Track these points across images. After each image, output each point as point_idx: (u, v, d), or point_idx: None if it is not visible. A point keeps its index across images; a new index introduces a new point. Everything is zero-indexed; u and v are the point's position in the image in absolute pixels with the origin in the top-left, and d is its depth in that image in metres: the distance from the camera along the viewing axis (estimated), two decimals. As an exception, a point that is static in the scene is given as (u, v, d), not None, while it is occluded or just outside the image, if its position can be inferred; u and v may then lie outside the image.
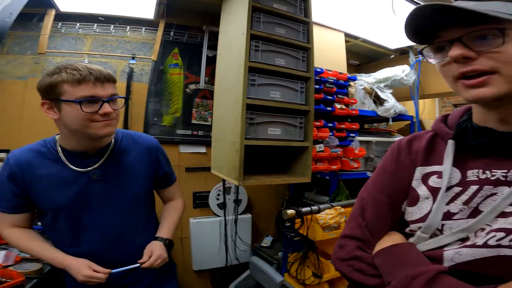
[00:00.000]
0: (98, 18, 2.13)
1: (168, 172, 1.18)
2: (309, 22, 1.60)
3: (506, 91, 0.49)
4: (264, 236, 2.55)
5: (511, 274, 0.47)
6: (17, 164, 0.93)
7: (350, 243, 0.65)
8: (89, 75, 0.85)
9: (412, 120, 2.43)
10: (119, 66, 2.18)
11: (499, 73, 0.49)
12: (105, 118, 0.89)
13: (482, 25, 0.50)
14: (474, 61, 0.50)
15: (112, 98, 0.91)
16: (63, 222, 0.97)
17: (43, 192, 0.94)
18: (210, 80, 2.34)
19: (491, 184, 0.53)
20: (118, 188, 1.01)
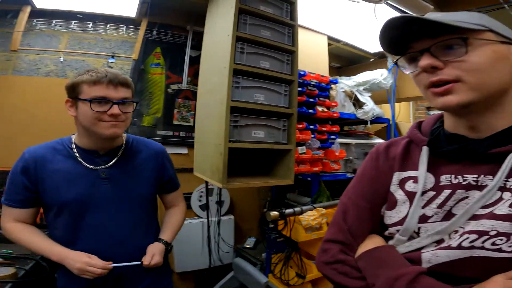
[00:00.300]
0: (76, 16, 2.05)
1: (173, 177, 1.23)
2: (294, 25, 1.61)
3: (470, 98, 0.52)
4: (247, 237, 2.56)
5: (485, 274, 0.49)
6: (31, 158, 0.97)
7: (333, 247, 0.67)
8: (104, 78, 0.93)
9: (389, 123, 2.52)
10: (97, 65, 2.10)
11: (463, 82, 0.52)
12: (112, 119, 0.95)
13: (447, 35, 0.53)
14: (441, 70, 0.53)
15: (123, 101, 0.96)
16: (66, 218, 0.98)
17: (53, 187, 0.97)
18: (193, 81, 2.31)
19: (463, 188, 0.56)
20: (124, 189, 1.04)
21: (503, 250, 0.48)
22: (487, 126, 0.56)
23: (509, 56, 0.53)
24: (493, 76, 0.52)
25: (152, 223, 1.16)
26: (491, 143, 0.54)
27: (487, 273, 0.49)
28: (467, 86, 0.52)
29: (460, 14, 0.55)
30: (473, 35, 0.52)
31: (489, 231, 0.49)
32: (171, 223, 1.19)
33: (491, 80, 0.52)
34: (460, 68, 0.52)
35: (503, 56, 0.53)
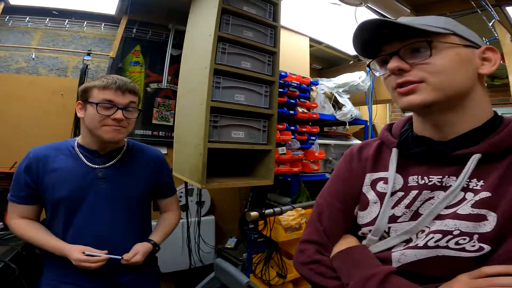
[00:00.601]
0: (51, 12, 1.98)
1: (169, 183, 1.25)
2: (277, 27, 1.62)
3: (433, 98, 0.54)
4: (228, 237, 2.55)
5: (450, 274, 0.50)
6: (35, 157, 1.02)
7: (309, 247, 0.68)
8: (113, 84, 0.99)
9: (366, 125, 2.59)
10: (72, 62, 2.04)
11: (426, 83, 0.54)
12: (114, 123, 1.00)
13: (414, 38, 0.55)
14: (407, 72, 0.55)
15: (127, 107, 1.02)
16: (61, 215, 1.02)
17: (52, 184, 1.01)
18: (173, 80, 2.27)
19: (428, 189, 0.58)
20: (119, 190, 1.07)
21: (466, 250, 0.50)
22: (451, 127, 0.58)
23: (472, 59, 0.56)
24: (455, 78, 0.54)
25: (144, 226, 1.18)
26: (455, 145, 0.56)
27: (452, 273, 0.50)
28: (430, 86, 0.54)
29: (428, 18, 0.58)
30: (437, 38, 0.54)
31: (453, 230, 0.51)
32: (163, 226, 1.21)
33: (453, 82, 0.54)
34: (424, 70, 0.54)
35: (466, 59, 0.55)
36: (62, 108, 1.97)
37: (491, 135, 0.55)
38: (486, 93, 0.59)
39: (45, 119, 1.94)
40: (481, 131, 0.56)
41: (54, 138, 1.88)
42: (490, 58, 0.57)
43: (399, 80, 0.56)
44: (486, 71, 0.56)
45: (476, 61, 0.56)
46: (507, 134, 0.54)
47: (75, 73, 2.03)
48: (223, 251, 2.40)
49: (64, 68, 2.03)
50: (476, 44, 0.57)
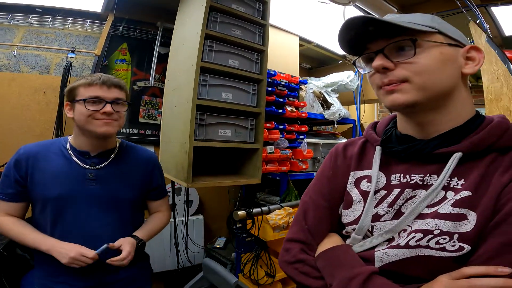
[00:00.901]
0: (35, 9, 1.94)
1: (161, 185, 1.25)
2: (265, 25, 1.61)
3: (416, 98, 0.54)
4: (217, 237, 2.54)
5: (431, 274, 0.50)
6: (25, 154, 1.02)
7: (294, 246, 0.67)
8: (98, 80, 1.01)
9: (354, 124, 2.62)
10: (55, 59, 1.99)
11: (410, 82, 0.53)
12: (105, 117, 1.00)
13: (400, 37, 0.54)
14: (391, 71, 0.55)
15: (115, 101, 1.03)
16: (48, 215, 1.01)
17: (40, 182, 1.00)
18: (161, 78, 2.25)
19: (410, 188, 0.58)
20: (109, 191, 1.07)
21: (447, 250, 0.49)
22: (433, 126, 0.57)
23: (456, 59, 0.55)
24: (439, 78, 0.53)
25: (136, 228, 1.16)
26: (437, 143, 0.56)
27: (433, 273, 0.50)
28: (413, 86, 0.53)
29: (414, 16, 0.57)
30: (422, 36, 0.54)
31: (433, 230, 0.51)
32: (149, 224, 1.20)
33: (436, 81, 0.53)
34: (408, 69, 0.53)
35: (450, 59, 0.54)
36: (45, 106, 1.93)
37: (472, 134, 0.55)
38: (469, 92, 0.59)
39: (27, 117, 1.89)
40: (462, 130, 0.56)
41: (37, 136, 1.87)
42: (474, 57, 0.56)
43: (383, 79, 0.55)
44: (470, 71, 0.56)
45: (460, 60, 0.56)
46: (488, 133, 0.54)
47: (58, 70, 1.98)
48: (212, 250, 2.38)
49: (47, 65, 1.98)
50: (460, 43, 0.56)
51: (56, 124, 1.90)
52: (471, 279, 0.46)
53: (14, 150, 1.83)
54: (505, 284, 0.44)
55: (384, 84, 0.56)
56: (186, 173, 1.31)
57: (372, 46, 0.58)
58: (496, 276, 0.45)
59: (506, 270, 0.44)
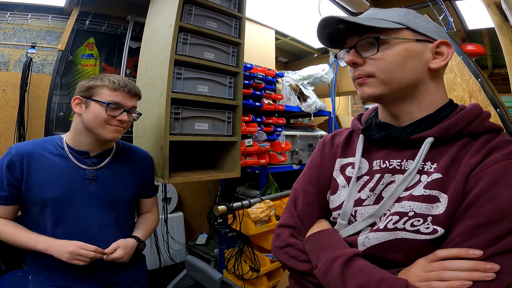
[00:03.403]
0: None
1: (153, 185, 1.27)
2: (242, 18, 1.59)
3: (381, 92, 0.58)
4: (199, 233, 2.50)
5: (410, 258, 0.52)
6: (17, 154, 0.97)
7: (284, 231, 0.69)
8: (124, 87, 1.02)
9: (330, 116, 2.67)
10: (14, 55, 1.86)
11: (374, 77, 0.58)
12: (118, 124, 1.01)
13: (368, 33, 0.58)
14: (360, 66, 0.59)
15: (131, 110, 1.05)
16: (48, 216, 0.98)
17: (37, 183, 0.97)
18: (133, 73, 2.16)
19: (389, 172, 0.60)
20: (108, 191, 1.06)
21: (421, 232, 0.51)
22: (407, 115, 0.61)
23: (421, 54, 0.57)
24: (402, 73, 0.56)
25: (131, 226, 1.18)
26: (411, 130, 0.59)
27: (411, 256, 0.52)
28: (378, 81, 0.58)
29: (386, 12, 0.59)
30: (389, 33, 0.56)
31: (408, 212, 0.53)
32: (145, 224, 1.20)
33: (399, 76, 0.57)
34: (374, 65, 0.57)
35: (415, 54, 0.56)
36: (5, 104, 1.79)
37: (444, 120, 0.57)
38: (439, 83, 0.61)
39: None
40: (434, 117, 0.58)
41: (-4, 135, 1.73)
42: (443, 52, 0.58)
43: (354, 72, 0.61)
44: (435, 66, 0.57)
45: (426, 56, 0.57)
46: (458, 119, 0.56)
47: (18, 67, 1.84)
48: (194, 247, 2.34)
49: (5, 61, 1.84)
50: (430, 38, 0.58)
51: (18, 123, 1.77)
52: (444, 261, 0.48)
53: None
54: (475, 266, 0.45)
55: (355, 77, 0.61)
56: (163, 169, 1.27)
57: (348, 41, 0.62)
58: (468, 258, 0.46)
59: (477, 253, 0.46)
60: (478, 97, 1.41)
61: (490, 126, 0.56)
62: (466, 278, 0.45)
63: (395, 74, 0.57)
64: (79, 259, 0.92)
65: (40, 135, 1.84)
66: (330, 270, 0.54)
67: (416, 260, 0.51)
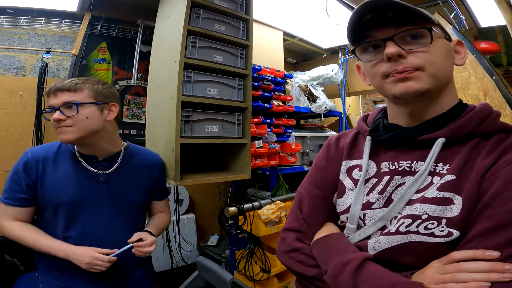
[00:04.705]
0: (6, 11, 1.85)
1: (165, 187, 1.27)
2: (249, 20, 1.60)
3: (429, 86, 0.54)
4: (210, 235, 2.52)
5: (423, 261, 0.50)
6: (33, 157, 1.00)
7: (290, 235, 0.68)
8: (51, 88, 0.97)
9: (341, 116, 2.64)
10: (30, 61, 1.91)
11: (423, 70, 0.53)
12: (57, 125, 0.96)
13: (412, 25, 0.54)
14: (404, 59, 0.54)
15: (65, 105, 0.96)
16: (61, 219, 1.00)
17: (51, 187, 0.99)
18: (144, 76, 2.20)
19: (399, 174, 0.59)
20: (119, 194, 1.07)
21: (436, 235, 0.50)
22: (423, 114, 0.59)
23: (451, 51, 0.58)
24: (445, 67, 0.56)
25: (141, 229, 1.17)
26: (420, 130, 0.57)
27: (425, 260, 0.50)
28: (427, 74, 0.53)
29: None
30: (434, 27, 0.55)
31: (421, 215, 0.51)
32: (157, 222, 1.21)
33: (444, 71, 0.56)
34: (422, 57, 0.53)
35: (449, 50, 0.57)
36: (23, 108, 1.85)
37: (454, 121, 0.56)
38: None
39: (4, 121, 1.81)
40: (445, 117, 0.57)
41: (15, 140, 1.80)
42: (459, 51, 0.59)
43: (396, 66, 0.54)
44: (460, 63, 0.59)
45: (452, 53, 0.59)
46: (468, 120, 0.55)
47: (34, 71, 1.90)
48: (205, 249, 2.36)
49: (21, 67, 1.90)
50: (450, 37, 0.59)
51: (35, 127, 1.82)
52: (459, 263, 0.46)
53: (-8, 155, 1.75)
54: (493, 267, 0.44)
55: (396, 71, 0.54)
56: (174, 171, 1.29)
57: (377, 33, 0.56)
58: (484, 260, 0.45)
59: (493, 254, 0.45)
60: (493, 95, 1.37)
61: (502, 126, 0.55)
62: (483, 280, 0.44)
63: (444, 67, 0.55)
64: (96, 268, 0.94)
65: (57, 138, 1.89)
66: (341, 275, 0.53)
67: (429, 262, 0.50)
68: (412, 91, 0.54)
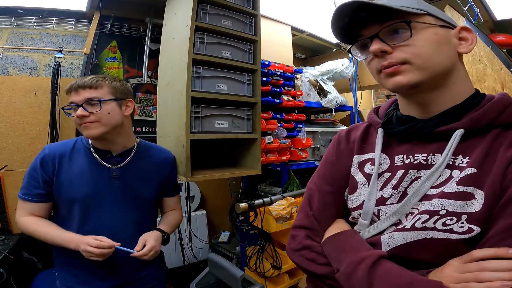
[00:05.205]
0: (17, 11, 1.90)
1: (176, 184, 1.28)
2: (256, 15, 1.59)
3: (418, 79, 0.53)
4: (221, 231, 2.53)
5: (440, 258, 0.49)
6: (50, 153, 1.02)
7: (300, 233, 0.66)
8: (72, 85, 1.00)
9: (352, 111, 2.60)
10: (43, 60, 1.95)
11: (409, 63, 0.53)
12: (81, 121, 0.99)
13: (392, 20, 0.54)
14: (390, 54, 0.54)
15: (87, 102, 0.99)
16: (76, 214, 1.02)
17: (66, 182, 1.01)
18: (154, 74, 2.22)
19: (414, 168, 0.56)
20: (132, 190, 1.09)
21: (455, 231, 0.48)
22: (435, 106, 0.57)
23: (449, 39, 0.55)
24: (437, 57, 0.53)
25: (152, 225, 1.20)
26: (437, 122, 0.55)
27: (441, 257, 0.49)
28: (414, 67, 0.53)
29: (401, 0, 0.56)
30: (415, 19, 0.53)
31: (439, 210, 0.50)
32: (169, 219, 1.22)
33: (436, 61, 0.53)
34: (406, 51, 0.53)
35: (444, 39, 0.55)
36: (38, 108, 1.89)
37: (473, 111, 0.54)
38: (466, 71, 0.59)
39: (20, 120, 1.86)
40: (462, 108, 0.55)
41: (31, 139, 1.85)
42: (466, 37, 0.57)
43: (383, 62, 0.55)
44: (465, 50, 0.56)
45: (454, 41, 0.56)
46: (487, 110, 0.53)
47: (48, 71, 1.94)
48: (216, 245, 2.37)
49: (35, 66, 1.94)
50: (451, 25, 0.57)
51: (51, 126, 1.87)
52: (481, 261, 0.44)
53: (11, 154, 1.81)
54: None
55: (383, 67, 0.55)
56: (185, 167, 1.30)
57: (365, 32, 0.58)
58: (507, 258, 0.43)
59: None
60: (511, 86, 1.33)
61: None
62: (507, 279, 0.41)
63: (433, 58, 0.53)
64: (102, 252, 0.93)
65: (72, 136, 1.93)
66: (355, 274, 0.51)
67: (446, 260, 0.48)
68: (402, 84, 0.54)
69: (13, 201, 1.74)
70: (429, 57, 0.53)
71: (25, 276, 1.53)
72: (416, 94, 0.57)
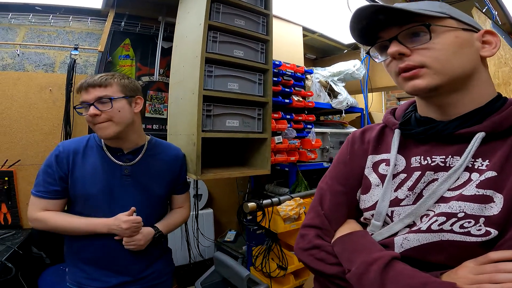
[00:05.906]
0: (34, 8, 1.94)
1: (185, 181, 1.29)
2: (269, 15, 1.59)
3: (437, 82, 0.53)
4: (227, 230, 2.54)
5: (455, 260, 0.48)
6: (64, 150, 1.04)
7: (310, 232, 0.65)
8: (83, 84, 1.00)
9: (362, 113, 2.57)
10: (59, 57, 1.99)
11: (427, 67, 0.53)
12: (94, 120, 1.00)
13: (412, 23, 0.54)
14: (408, 57, 0.54)
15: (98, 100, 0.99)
16: (88, 210, 1.03)
17: (81, 178, 1.03)
18: (166, 72, 2.24)
19: (431, 170, 0.56)
20: (143, 187, 1.10)
21: (472, 234, 0.47)
22: (455, 108, 0.56)
23: (472, 42, 0.55)
24: (456, 61, 0.53)
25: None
26: (457, 124, 0.55)
27: (457, 259, 0.48)
28: (432, 71, 0.53)
29: (422, 4, 0.56)
30: (435, 22, 0.53)
31: (457, 213, 0.49)
32: (170, 218, 1.22)
33: (455, 65, 0.53)
34: (425, 55, 0.53)
35: (466, 42, 0.54)
36: (52, 104, 1.93)
37: (494, 114, 0.53)
38: (489, 75, 0.59)
39: (35, 116, 1.90)
40: (484, 111, 0.55)
41: (45, 134, 1.88)
42: (490, 41, 0.56)
43: (400, 65, 0.55)
44: (488, 54, 0.56)
45: (476, 44, 0.55)
46: (510, 113, 0.52)
47: (63, 68, 1.98)
48: (222, 244, 2.38)
49: (51, 63, 1.98)
50: (474, 28, 0.56)
51: (64, 122, 1.90)
52: (497, 263, 0.44)
53: (24, 148, 1.85)
54: None
55: (401, 69, 0.55)
56: (195, 165, 1.30)
57: (384, 34, 0.58)
58: None
59: None
60: (535, 90, 1.31)
61: None
62: None
63: (452, 62, 0.53)
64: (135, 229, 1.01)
65: (85, 133, 1.96)
66: (366, 274, 0.50)
67: (461, 262, 0.47)
68: (420, 88, 0.54)
69: (25, 196, 1.78)
70: (448, 61, 0.52)
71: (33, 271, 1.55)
72: (435, 96, 0.57)
